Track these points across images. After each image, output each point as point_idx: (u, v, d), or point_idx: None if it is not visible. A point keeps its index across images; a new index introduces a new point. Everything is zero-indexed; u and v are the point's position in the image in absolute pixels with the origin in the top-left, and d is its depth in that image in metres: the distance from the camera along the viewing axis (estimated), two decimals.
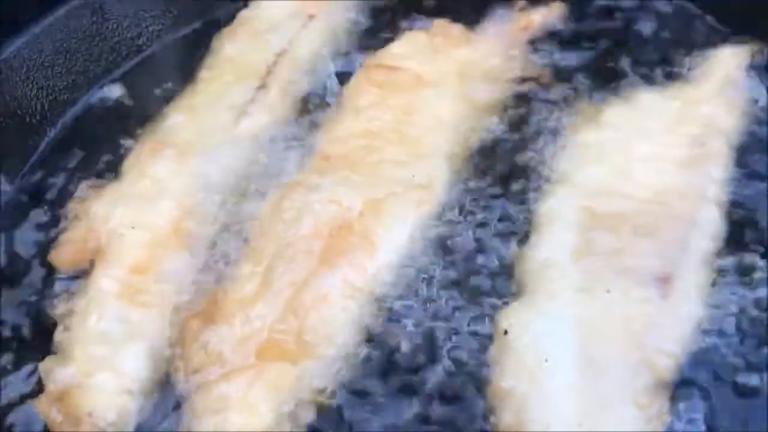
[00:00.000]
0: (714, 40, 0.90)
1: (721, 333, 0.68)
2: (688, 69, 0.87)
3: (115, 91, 1.04)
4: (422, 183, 0.82)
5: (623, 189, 0.75)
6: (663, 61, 0.90)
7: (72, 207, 0.88)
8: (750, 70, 0.85)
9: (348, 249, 0.77)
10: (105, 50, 1.04)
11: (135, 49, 1.06)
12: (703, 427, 0.63)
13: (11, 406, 0.73)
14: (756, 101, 0.83)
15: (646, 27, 0.94)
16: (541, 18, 0.97)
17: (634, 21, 0.95)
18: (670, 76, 0.88)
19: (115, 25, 1.04)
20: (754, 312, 0.69)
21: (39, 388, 0.72)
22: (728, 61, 0.85)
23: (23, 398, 0.73)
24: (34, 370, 0.74)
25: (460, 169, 0.84)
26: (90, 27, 1.01)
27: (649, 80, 0.88)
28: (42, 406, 0.70)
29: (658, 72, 0.88)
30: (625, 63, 0.90)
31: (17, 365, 0.76)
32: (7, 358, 0.77)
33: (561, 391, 0.62)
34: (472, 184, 0.82)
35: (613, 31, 0.95)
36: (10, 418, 0.72)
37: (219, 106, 0.94)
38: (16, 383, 0.74)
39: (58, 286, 0.81)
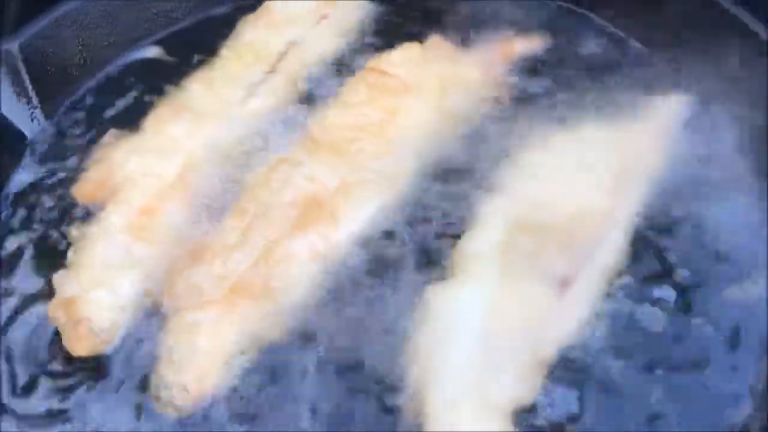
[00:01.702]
0: (663, 86, 1.03)
1: (602, 336, 0.82)
2: (634, 110, 0.99)
3: (150, 53, 1.19)
4: (390, 175, 0.96)
5: (550, 204, 0.88)
6: (615, 99, 1.01)
7: (96, 150, 1.03)
8: (684, 121, 0.98)
9: (317, 220, 0.91)
10: (144, 18, 1.19)
11: (170, 21, 1.21)
12: (571, 408, 0.78)
13: (29, 303, 0.89)
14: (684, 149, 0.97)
15: (608, 68, 1.06)
16: (521, 47, 1.09)
17: (599, 62, 1.08)
18: (619, 113, 1.00)
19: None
20: (632, 323, 0.83)
21: (51, 293, 0.88)
22: (667, 110, 0.98)
23: (39, 298, 0.89)
24: (50, 279, 0.90)
25: (425, 168, 0.98)
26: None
27: (599, 114, 1.00)
28: (51, 308, 0.87)
29: (609, 109, 1.00)
30: (583, 97, 1.03)
31: (38, 271, 0.92)
32: (30, 264, 0.93)
33: (460, 355, 0.77)
34: (430, 181, 0.96)
35: (582, 67, 1.08)
36: (29, 313, 0.89)
37: (232, 83, 1.07)
38: (36, 286, 0.91)
39: (76, 215, 0.97)
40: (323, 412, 0.80)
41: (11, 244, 0.95)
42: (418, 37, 1.11)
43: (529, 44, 1.10)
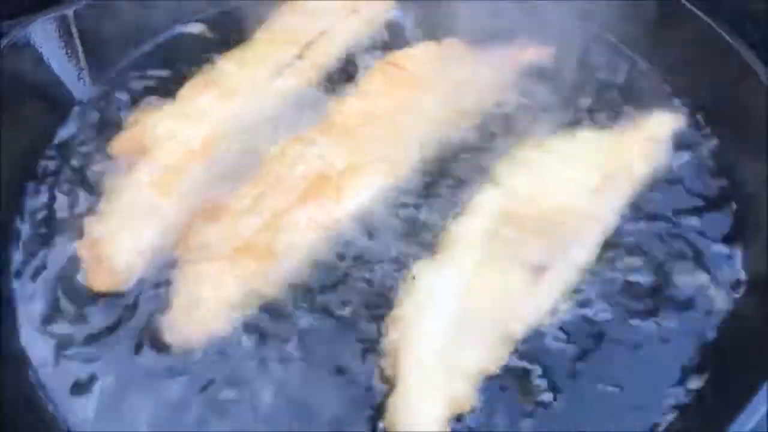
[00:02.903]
0: (657, 98, 1.10)
1: (567, 321, 0.90)
2: (628, 119, 1.07)
3: (194, 29, 1.29)
4: (394, 160, 1.04)
5: (538, 199, 0.96)
6: (611, 108, 1.09)
7: (135, 112, 1.13)
8: (673, 135, 1.05)
9: (322, 194, 0.99)
10: None
11: (216, 2, 1.31)
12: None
13: (65, 241, 1.00)
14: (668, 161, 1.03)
15: (609, 79, 1.14)
16: (531, 55, 1.17)
17: (601, 73, 1.15)
18: (614, 121, 1.07)
19: None
20: (592, 315, 0.91)
21: (82, 234, 0.99)
22: (658, 123, 1.05)
23: (72, 239, 1.00)
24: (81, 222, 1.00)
25: (427, 157, 1.06)
26: None
27: (595, 121, 1.07)
28: (79, 246, 0.97)
29: (604, 117, 1.08)
30: (583, 105, 1.11)
31: (73, 214, 1.03)
32: (66, 207, 1.04)
33: (435, 324, 0.85)
34: (430, 170, 1.04)
35: (585, 78, 1.15)
36: (62, 249, 1.00)
37: (262, 64, 1.16)
38: (71, 226, 1.01)
39: (110, 168, 1.07)
40: (309, 361, 0.89)
41: (51, 188, 1.06)
42: (436, 37, 1.19)
43: (539, 53, 1.17)
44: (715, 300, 0.93)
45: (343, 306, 0.93)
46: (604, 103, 1.10)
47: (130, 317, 0.93)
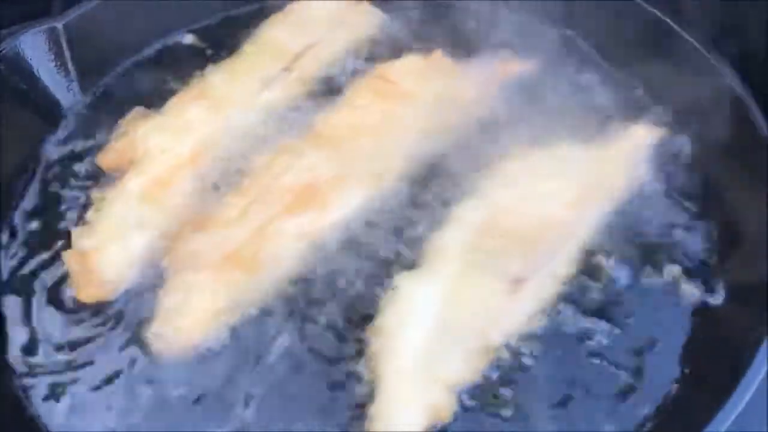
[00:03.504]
0: (636, 111, 1.12)
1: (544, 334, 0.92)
2: (607, 132, 1.09)
3: (184, 40, 1.30)
4: (380, 172, 1.06)
5: (518, 210, 0.98)
6: (591, 121, 1.10)
7: (123, 123, 1.14)
8: (652, 149, 1.08)
9: (309, 205, 1.01)
10: (180, 8, 1.29)
11: (205, 13, 1.31)
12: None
13: (52, 251, 1.02)
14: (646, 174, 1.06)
15: (590, 93, 1.16)
16: (515, 68, 1.19)
17: (583, 87, 1.17)
18: (593, 134, 1.09)
19: None
20: (566, 327, 0.93)
21: (69, 245, 1.00)
22: (636, 136, 1.07)
23: (60, 250, 1.01)
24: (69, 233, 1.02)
25: (411, 169, 1.08)
26: None
27: (575, 135, 1.08)
28: (68, 256, 0.99)
29: (585, 131, 1.09)
30: (564, 118, 1.11)
31: (61, 225, 1.04)
32: (54, 217, 1.05)
33: (416, 334, 0.87)
34: (414, 181, 1.06)
35: (567, 91, 1.16)
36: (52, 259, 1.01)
37: (250, 76, 1.17)
38: (59, 236, 1.03)
39: (98, 179, 1.08)
40: (292, 369, 0.91)
41: (39, 199, 1.08)
42: (422, 50, 1.21)
43: (523, 66, 1.20)
44: (691, 308, 0.95)
45: (326, 315, 0.95)
46: (583, 116, 1.12)
47: (117, 326, 0.95)
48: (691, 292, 0.96)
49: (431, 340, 0.87)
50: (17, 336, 0.95)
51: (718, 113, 1.07)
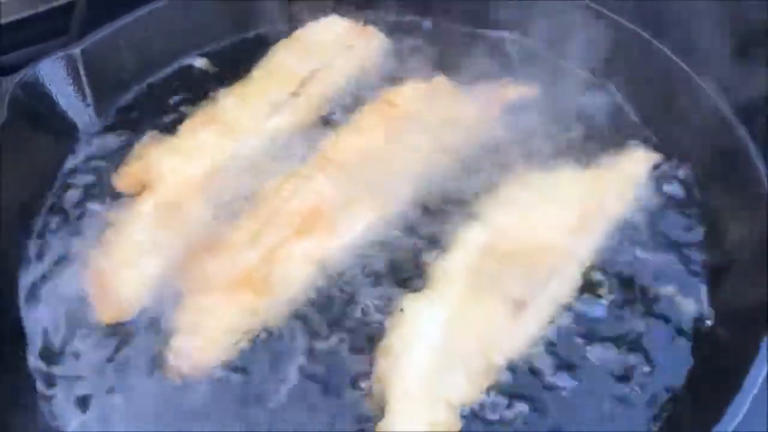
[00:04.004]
0: (635, 136, 1.16)
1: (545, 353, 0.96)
2: (606, 157, 1.13)
3: (198, 63, 1.34)
4: (386, 196, 1.09)
5: (519, 235, 1.02)
6: (591, 146, 1.15)
7: (138, 147, 1.18)
8: (650, 174, 1.11)
9: (317, 228, 1.05)
10: (193, 33, 1.34)
11: (215, 38, 1.36)
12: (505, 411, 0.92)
13: (71, 272, 1.06)
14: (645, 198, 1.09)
15: (590, 117, 1.20)
16: (516, 93, 1.23)
17: (585, 112, 1.21)
18: (593, 158, 1.13)
19: (200, 17, 1.34)
20: (560, 349, 0.96)
21: (87, 266, 1.04)
22: (635, 162, 1.11)
23: (78, 270, 1.05)
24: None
25: (417, 192, 1.11)
26: (182, 16, 1.32)
27: (575, 160, 1.13)
28: (86, 277, 1.03)
29: (585, 156, 1.13)
30: (565, 143, 1.16)
31: (77, 244, 1.08)
32: (71, 238, 1.09)
33: (421, 355, 0.90)
34: (420, 205, 1.09)
35: (568, 116, 1.20)
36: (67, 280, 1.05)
37: (260, 101, 1.21)
38: (77, 257, 1.06)
39: (114, 201, 1.12)
40: (302, 388, 0.94)
41: (56, 220, 1.12)
42: (426, 75, 1.25)
43: (524, 91, 1.23)
44: (685, 332, 0.99)
45: (335, 336, 0.98)
46: (584, 140, 1.16)
47: (132, 345, 0.99)
48: (686, 310, 1.00)
49: (436, 361, 0.90)
50: (37, 352, 0.99)
51: (710, 137, 1.10)
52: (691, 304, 1.01)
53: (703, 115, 1.11)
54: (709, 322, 1.00)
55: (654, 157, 1.13)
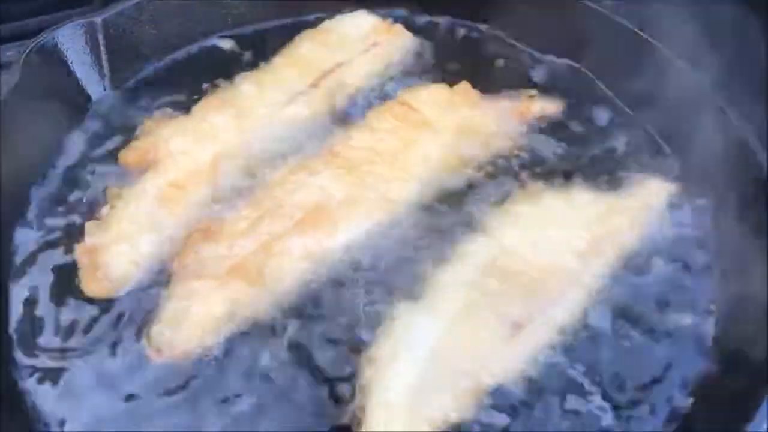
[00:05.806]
0: (655, 168, 1.12)
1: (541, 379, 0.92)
2: (623, 182, 1.09)
3: (225, 44, 1.32)
4: (391, 199, 1.07)
5: (524, 254, 0.98)
6: (609, 170, 1.11)
7: (147, 124, 1.16)
8: (665, 204, 1.07)
9: (317, 225, 1.03)
10: (216, 15, 1.32)
11: (240, 22, 1.34)
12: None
13: (67, 244, 1.04)
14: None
15: (611, 140, 1.16)
16: (539, 109, 1.19)
17: (605, 133, 1.18)
18: (609, 183, 1.09)
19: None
20: (554, 379, 0.92)
21: (82, 238, 1.02)
22: (653, 191, 1.07)
23: (73, 242, 1.03)
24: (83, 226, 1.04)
25: (424, 198, 1.08)
26: None
27: (590, 182, 1.09)
28: (79, 251, 1.01)
29: (600, 179, 1.10)
30: (582, 163, 1.13)
31: (77, 217, 1.06)
32: (72, 209, 1.07)
33: (408, 368, 0.87)
34: (425, 211, 1.06)
35: (588, 136, 1.18)
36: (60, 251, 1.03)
37: (277, 89, 1.19)
38: (74, 228, 1.05)
39: (117, 176, 1.10)
40: (281, 390, 0.91)
41: (59, 190, 1.10)
42: (450, 79, 1.22)
43: (547, 107, 1.20)
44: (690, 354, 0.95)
45: (322, 336, 0.95)
46: (602, 163, 1.12)
47: (117, 323, 0.96)
48: (696, 333, 0.96)
49: (422, 375, 0.87)
50: (20, 318, 0.97)
51: (733, 169, 1.06)
52: (702, 327, 0.97)
53: (729, 147, 1.07)
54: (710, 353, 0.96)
55: (671, 187, 1.08)
